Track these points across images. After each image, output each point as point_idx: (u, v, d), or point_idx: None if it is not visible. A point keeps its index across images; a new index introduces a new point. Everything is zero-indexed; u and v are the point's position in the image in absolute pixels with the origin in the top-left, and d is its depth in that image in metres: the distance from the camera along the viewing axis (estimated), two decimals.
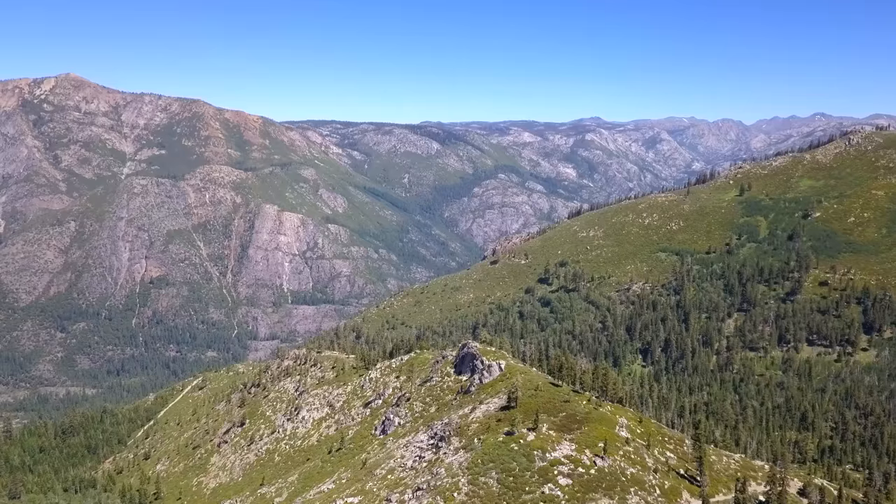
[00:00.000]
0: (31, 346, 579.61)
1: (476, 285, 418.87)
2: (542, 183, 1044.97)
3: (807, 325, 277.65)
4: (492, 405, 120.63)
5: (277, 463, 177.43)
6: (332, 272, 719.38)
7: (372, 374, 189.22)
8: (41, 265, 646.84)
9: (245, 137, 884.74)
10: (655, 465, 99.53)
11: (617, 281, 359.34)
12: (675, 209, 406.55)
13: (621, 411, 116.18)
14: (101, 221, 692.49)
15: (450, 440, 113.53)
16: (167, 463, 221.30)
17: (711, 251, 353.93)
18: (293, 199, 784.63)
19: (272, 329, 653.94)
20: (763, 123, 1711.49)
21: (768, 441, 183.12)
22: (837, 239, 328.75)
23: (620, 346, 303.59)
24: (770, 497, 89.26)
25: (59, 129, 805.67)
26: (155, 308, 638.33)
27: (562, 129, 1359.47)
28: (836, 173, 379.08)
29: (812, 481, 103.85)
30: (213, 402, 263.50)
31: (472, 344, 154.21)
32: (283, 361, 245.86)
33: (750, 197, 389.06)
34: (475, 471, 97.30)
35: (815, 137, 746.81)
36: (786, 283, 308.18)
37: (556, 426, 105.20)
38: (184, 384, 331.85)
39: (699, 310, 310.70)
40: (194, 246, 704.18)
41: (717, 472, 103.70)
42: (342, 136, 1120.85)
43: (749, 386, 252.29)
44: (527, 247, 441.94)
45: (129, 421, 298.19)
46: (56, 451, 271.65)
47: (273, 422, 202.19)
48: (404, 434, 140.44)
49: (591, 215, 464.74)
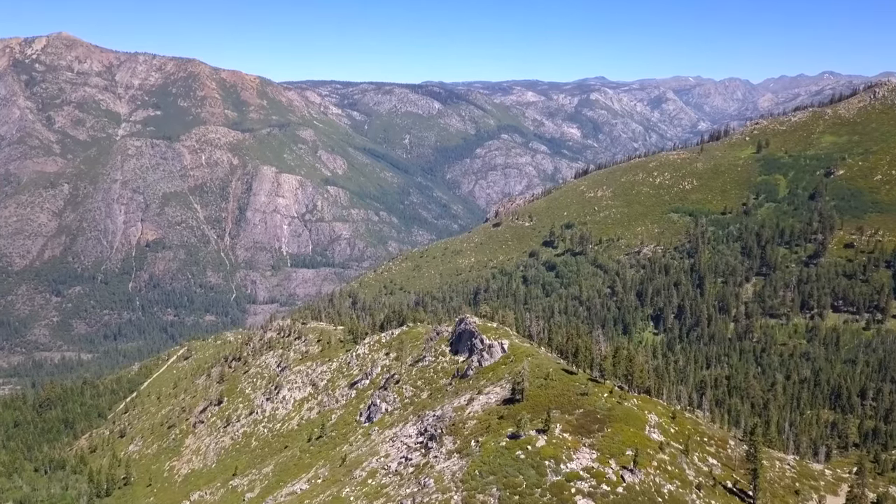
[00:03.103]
0: (26, 311, 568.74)
1: (478, 249, 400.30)
2: (545, 143, 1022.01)
3: (832, 290, 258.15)
4: (493, 396, 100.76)
5: (254, 449, 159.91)
6: (331, 235, 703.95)
7: (360, 350, 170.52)
8: (35, 228, 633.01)
9: (242, 98, 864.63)
10: (698, 477, 79.69)
11: (626, 243, 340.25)
12: (688, 167, 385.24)
13: (650, 405, 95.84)
14: (96, 184, 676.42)
15: (442, 440, 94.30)
16: (140, 443, 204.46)
17: (727, 211, 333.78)
18: (292, 161, 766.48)
19: (271, 293, 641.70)
20: (770, 82, 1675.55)
21: (801, 422, 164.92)
22: (863, 198, 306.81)
23: (630, 313, 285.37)
24: None
25: (52, 89, 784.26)
26: (151, 272, 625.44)
27: (566, 88, 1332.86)
28: (861, 128, 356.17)
29: (889, 493, 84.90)
30: (195, 374, 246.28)
31: (471, 319, 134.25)
32: (266, 333, 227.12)
33: (768, 154, 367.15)
34: (471, 485, 77.70)
35: (823, 96, 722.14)
36: (808, 245, 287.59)
37: (572, 427, 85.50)
38: (169, 353, 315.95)
39: (715, 274, 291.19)
40: (191, 208, 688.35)
41: (771, 483, 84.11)
42: (341, 97, 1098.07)
43: (772, 357, 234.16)
44: (531, 208, 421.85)
45: (110, 393, 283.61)
46: (32, 425, 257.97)
47: (252, 401, 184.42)
48: (391, 424, 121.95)
49: (598, 174, 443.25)
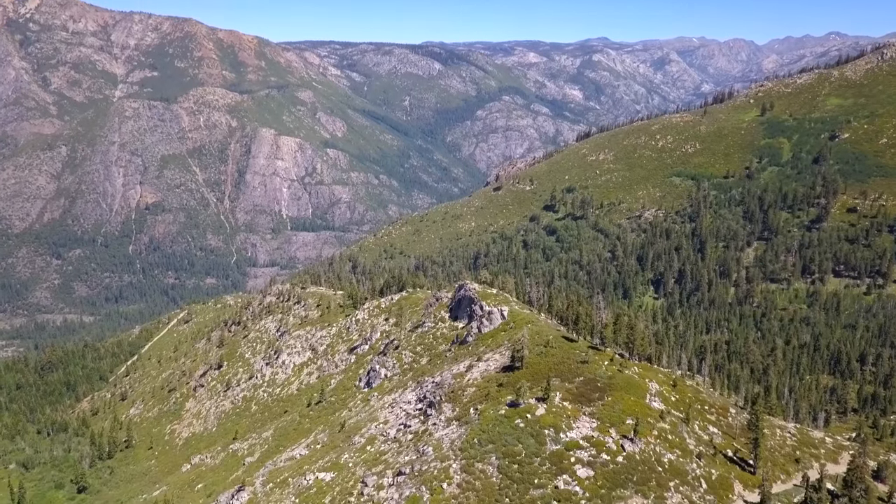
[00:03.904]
0: (28, 273, 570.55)
1: (478, 213, 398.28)
2: (547, 105, 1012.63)
3: (833, 254, 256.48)
4: (492, 363, 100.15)
5: (254, 413, 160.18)
6: (331, 198, 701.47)
7: (359, 315, 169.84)
8: (33, 191, 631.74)
9: (240, 59, 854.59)
10: (698, 446, 79.32)
11: (628, 207, 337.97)
12: (691, 130, 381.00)
13: (651, 373, 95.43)
14: (93, 146, 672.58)
15: (440, 407, 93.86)
16: (141, 406, 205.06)
17: (730, 175, 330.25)
18: (290, 123, 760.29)
19: (272, 256, 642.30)
20: (776, 43, 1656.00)
21: (801, 387, 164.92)
22: (867, 162, 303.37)
23: (631, 277, 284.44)
24: (848, 490, 69.66)
25: (47, 49, 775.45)
26: (151, 235, 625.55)
27: (568, 49, 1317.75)
28: (867, 91, 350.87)
29: (889, 461, 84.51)
30: (195, 338, 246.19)
31: (471, 286, 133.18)
32: (266, 298, 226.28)
33: (772, 117, 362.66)
34: (470, 454, 77.68)
35: (829, 57, 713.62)
36: (811, 209, 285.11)
37: (572, 395, 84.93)
38: (170, 317, 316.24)
39: (716, 238, 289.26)
40: (190, 171, 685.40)
41: (772, 451, 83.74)
42: (341, 58, 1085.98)
43: (772, 321, 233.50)
44: (532, 172, 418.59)
45: (112, 356, 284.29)
46: (34, 388, 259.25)
47: (252, 365, 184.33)
48: (390, 389, 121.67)
49: (600, 137, 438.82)
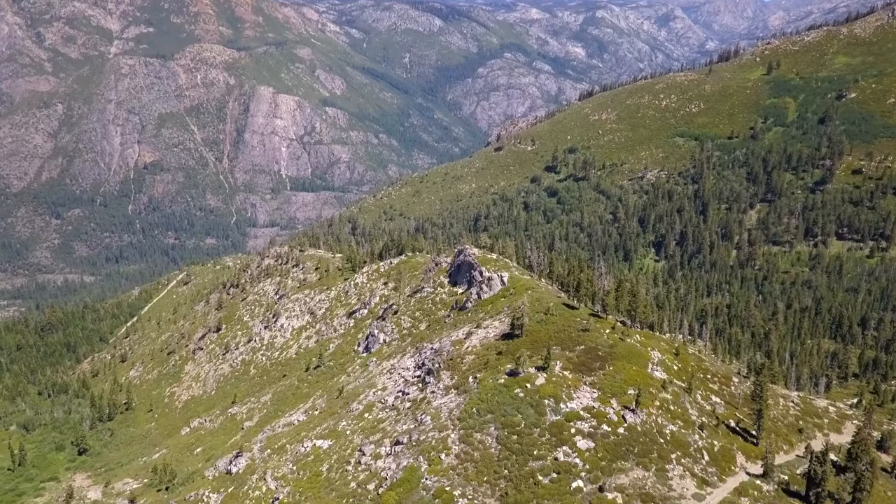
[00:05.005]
0: (27, 233, 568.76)
1: (479, 174, 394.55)
2: (549, 63, 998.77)
3: (837, 217, 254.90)
4: (491, 330, 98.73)
5: (253, 377, 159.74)
6: (330, 158, 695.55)
7: (358, 279, 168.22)
8: (30, 150, 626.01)
9: (237, 14, 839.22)
10: (700, 417, 77.94)
11: (630, 168, 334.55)
12: (696, 90, 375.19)
13: (653, 341, 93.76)
14: (90, 104, 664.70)
15: (439, 375, 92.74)
16: (141, 369, 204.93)
17: (734, 136, 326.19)
18: (289, 81, 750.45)
19: (271, 216, 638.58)
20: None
21: (802, 352, 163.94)
22: (874, 122, 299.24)
23: (632, 239, 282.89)
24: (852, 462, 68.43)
25: (41, 4, 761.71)
26: (151, 194, 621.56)
27: (571, 5, 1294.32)
28: (876, 49, 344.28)
29: (894, 430, 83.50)
30: (194, 300, 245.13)
31: (470, 251, 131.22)
32: (264, 260, 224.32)
33: (778, 76, 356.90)
34: (469, 424, 76.71)
35: (838, 14, 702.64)
36: (815, 171, 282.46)
37: (572, 365, 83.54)
38: (169, 278, 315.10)
39: (719, 200, 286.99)
40: (188, 130, 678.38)
41: (775, 421, 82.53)
42: (339, 13, 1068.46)
43: (773, 284, 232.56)
44: (533, 131, 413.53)
45: (111, 317, 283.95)
46: (34, 349, 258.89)
47: (250, 329, 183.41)
48: (389, 355, 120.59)
49: (603, 96, 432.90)
